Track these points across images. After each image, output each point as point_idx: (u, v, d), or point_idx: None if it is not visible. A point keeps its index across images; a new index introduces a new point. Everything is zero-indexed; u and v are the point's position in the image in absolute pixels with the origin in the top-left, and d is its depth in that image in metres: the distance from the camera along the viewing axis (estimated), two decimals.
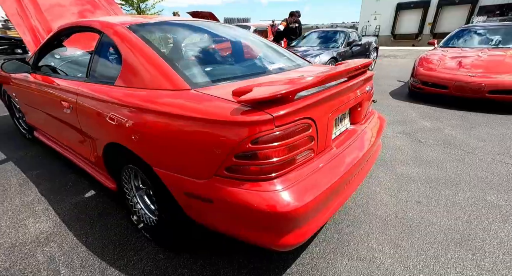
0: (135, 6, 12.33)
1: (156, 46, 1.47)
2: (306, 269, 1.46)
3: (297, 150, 1.13)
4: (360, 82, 1.61)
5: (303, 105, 1.10)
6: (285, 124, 1.05)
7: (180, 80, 1.27)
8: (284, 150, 1.07)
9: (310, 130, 1.16)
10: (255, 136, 1.00)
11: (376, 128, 1.87)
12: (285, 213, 1.02)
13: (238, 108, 1.04)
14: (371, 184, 2.26)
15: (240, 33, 2.25)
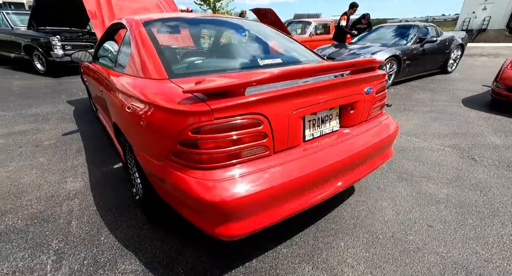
0: (212, 5, 13.32)
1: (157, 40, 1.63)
2: (265, 267, 1.46)
3: (242, 144, 1.13)
4: (352, 82, 1.47)
5: (250, 100, 1.10)
6: (226, 117, 1.07)
7: (162, 71, 1.41)
8: (225, 142, 1.10)
9: (261, 126, 1.15)
10: (194, 126, 1.06)
11: (382, 135, 1.68)
12: (213, 203, 1.06)
13: (186, 99, 1.11)
14: (379, 197, 2.04)
15: (249, 27, 2.27)
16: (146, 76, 1.45)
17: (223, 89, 1.07)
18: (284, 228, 1.72)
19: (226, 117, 1.07)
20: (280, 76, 1.13)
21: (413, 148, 2.87)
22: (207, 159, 1.11)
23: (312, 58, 2.02)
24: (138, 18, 1.86)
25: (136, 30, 1.71)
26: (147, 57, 1.51)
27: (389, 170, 2.43)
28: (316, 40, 8.38)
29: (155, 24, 1.84)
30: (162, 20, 1.97)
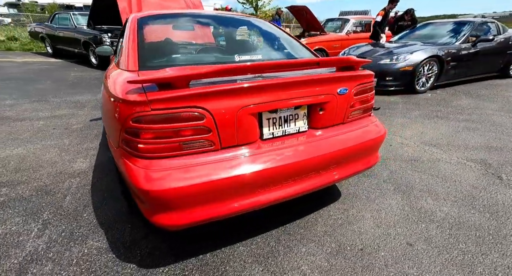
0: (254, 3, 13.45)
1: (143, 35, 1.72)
2: (216, 261, 1.46)
3: (182, 137, 1.15)
4: (318, 81, 1.39)
5: (190, 94, 1.11)
6: (164, 108, 1.10)
7: (136, 63, 1.49)
8: (164, 133, 1.13)
9: (203, 120, 1.15)
10: (134, 115, 1.11)
11: (360, 139, 1.56)
12: (148, 192, 1.10)
13: (134, 89, 1.16)
14: (364, 208, 1.89)
15: (241, 22, 2.25)
16: (124, 68, 1.54)
17: (163, 81, 1.10)
18: (249, 226, 1.70)
19: (165, 109, 1.10)
20: (221, 71, 1.12)
21: (428, 159, 2.59)
22: (147, 149, 1.15)
23: (303, 56, 1.94)
24: (140, 14, 1.98)
25: (130, 25, 1.82)
26: (129, 50, 1.60)
27: (388, 179, 2.23)
28: (353, 38, 7.96)
29: (151, 20, 1.94)
30: (162, 16, 2.07)
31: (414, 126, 3.44)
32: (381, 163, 2.50)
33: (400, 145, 2.87)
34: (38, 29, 9.76)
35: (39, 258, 1.47)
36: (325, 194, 2.04)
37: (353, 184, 2.18)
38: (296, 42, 2.12)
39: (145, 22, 1.86)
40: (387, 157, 2.62)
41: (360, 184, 2.18)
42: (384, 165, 2.46)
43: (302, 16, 8.17)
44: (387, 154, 2.67)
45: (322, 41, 7.78)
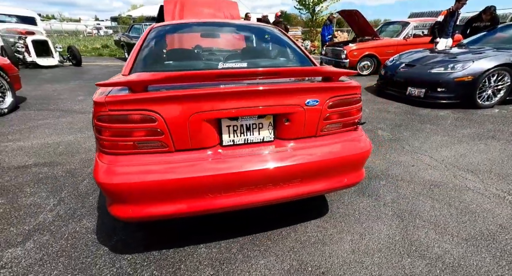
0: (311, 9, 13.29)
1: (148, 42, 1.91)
2: (175, 258, 1.53)
3: (136, 137, 1.26)
4: (281, 91, 1.35)
5: (143, 98, 1.21)
6: (119, 110, 1.22)
7: (128, 68, 1.67)
8: (119, 132, 1.25)
9: (155, 123, 1.24)
10: (97, 114, 1.25)
11: (334, 155, 1.46)
12: (100, 183, 1.23)
13: (101, 92, 1.31)
14: (348, 230, 1.74)
15: (245, 31, 2.27)
16: (121, 72, 1.74)
17: (121, 85, 1.23)
18: (220, 230, 1.73)
19: (119, 110, 1.22)
20: (175, 78, 1.19)
21: (454, 186, 2.22)
22: (107, 145, 1.29)
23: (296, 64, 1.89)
24: (157, 24, 2.20)
25: (143, 34, 2.04)
26: (130, 56, 1.81)
27: (390, 203, 2.00)
28: (411, 43, 7.22)
29: (162, 29, 2.14)
30: (174, 25, 2.26)
31: (455, 146, 2.98)
32: (390, 184, 2.25)
33: (426, 167, 2.53)
34: (120, 38, 11.59)
35: (43, 229, 1.76)
36: (311, 209, 1.94)
37: (346, 202, 2.01)
38: (296, 49, 2.07)
39: (156, 31, 2.06)
40: (402, 178, 2.34)
41: (355, 203, 2.00)
42: (394, 187, 2.20)
43: (354, 20, 7.78)
44: (402, 175, 2.38)
45: (373, 47, 7.27)
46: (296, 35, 14.77)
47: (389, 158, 2.71)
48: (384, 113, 4.19)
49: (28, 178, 2.38)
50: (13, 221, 1.85)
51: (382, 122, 3.79)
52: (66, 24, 29.85)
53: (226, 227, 1.76)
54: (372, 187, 2.21)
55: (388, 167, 2.52)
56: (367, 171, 2.46)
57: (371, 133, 3.36)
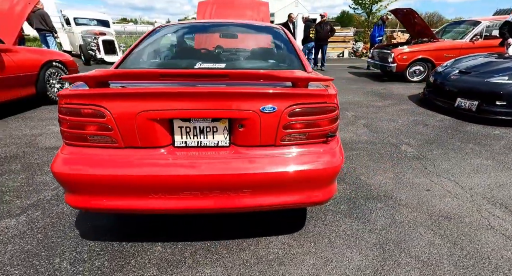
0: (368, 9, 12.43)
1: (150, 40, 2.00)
2: (129, 251, 1.56)
3: (86, 130, 1.31)
4: (232, 95, 1.27)
5: (91, 93, 1.25)
6: (73, 103, 1.28)
7: (117, 64, 1.77)
8: (72, 124, 1.31)
9: (104, 118, 1.27)
10: (58, 106, 1.34)
11: (293, 167, 1.32)
12: (52, 171, 1.31)
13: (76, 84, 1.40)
14: (314, 252, 1.56)
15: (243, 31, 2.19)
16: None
17: (77, 80, 1.29)
18: (185, 231, 1.72)
19: (73, 104, 1.28)
20: (124, 75, 1.23)
21: (472, 222, 1.83)
22: (64, 136, 1.36)
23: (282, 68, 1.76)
24: (163, 24, 2.30)
25: (145, 33, 2.15)
26: (124, 53, 1.91)
27: (377, 230, 1.74)
28: (480, 46, 6.22)
29: (166, 29, 2.22)
30: (180, 26, 2.32)
31: (496, 174, 2.46)
32: (388, 208, 1.96)
33: (443, 194, 2.14)
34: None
35: (38, 205, 1.98)
36: (285, 222, 1.79)
37: (327, 221, 1.81)
38: (292, 52, 1.93)
39: (156, 32, 2.14)
40: (407, 203, 2.01)
41: (337, 224, 1.79)
42: (391, 212, 1.91)
43: (409, 20, 7.03)
44: (409, 200, 2.05)
45: (428, 50, 6.47)
46: (347, 37, 13.96)
47: (401, 178, 2.37)
48: (419, 127, 3.69)
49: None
50: (21, 195, 2.11)
51: (413, 136, 3.34)
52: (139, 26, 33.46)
53: (192, 229, 1.74)
54: (364, 208, 1.95)
55: (395, 189, 2.20)
56: (366, 189, 2.19)
57: (393, 148, 2.99)
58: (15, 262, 1.49)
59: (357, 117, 4.11)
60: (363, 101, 5.15)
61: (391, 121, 3.91)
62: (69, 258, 1.52)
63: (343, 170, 2.49)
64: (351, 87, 6.48)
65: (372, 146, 3.04)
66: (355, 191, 2.16)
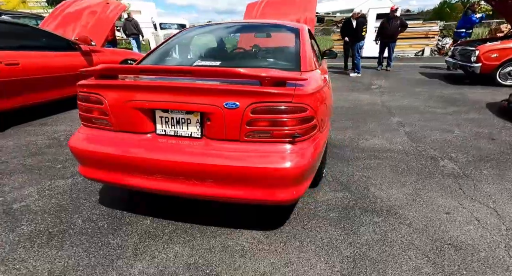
0: None
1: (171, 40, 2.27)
2: (125, 220, 1.84)
3: (90, 113, 1.60)
4: (199, 90, 1.37)
5: (93, 83, 1.53)
6: (82, 91, 1.59)
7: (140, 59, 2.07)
8: (83, 109, 1.62)
9: (102, 105, 1.54)
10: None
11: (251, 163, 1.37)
12: (68, 144, 1.66)
13: None
14: (282, 255, 1.55)
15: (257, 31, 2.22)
16: None
17: (90, 72, 1.58)
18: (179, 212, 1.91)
19: (82, 92, 1.59)
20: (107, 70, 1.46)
21: (488, 258, 1.51)
22: (80, 118, 1.69)
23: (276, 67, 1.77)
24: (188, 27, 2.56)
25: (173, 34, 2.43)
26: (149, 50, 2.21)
27: (360, 244, 1.60)
28: None
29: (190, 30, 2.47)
30: (200, 27, 2.54)
31: None
32: (385, 224, 1.76)
33: (469, 221, 1.79)
34: None
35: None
36: (265, 218, 1.81)
37: (309, 226, 1.75)
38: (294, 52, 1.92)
39: (180, 33, 2.40)
40: (411, 223, 1.77)
41: (317, 230, 1.72)
42: (386, 229, 1.72)
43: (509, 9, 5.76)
44: (417, 220, 1.80)
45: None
46: (431, 32, 12.16)
47: (420, 195, 2.07)
48: (482, 141, 3.08)
49: None
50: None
51: (465, 151, 2.83)
52: None
53: (186, 211, 1.91)
54: (356, 220, 1.80)
55: (405, 205, 1.95)
56: (370, 200, 2.00)
57: (429, 161, 2.60)
58: (51, 211, 1.93)
59: (401, 124, 3.67)
60: (420, 106, 4.53)
61: (445, 132, 3.37)
62: (84, 216, 1.88)
63: (352, 177, 2.32)
64: (414, 90, 5.74)
65: (403, 157, 2.70)
66: (355, 201, 2.00)
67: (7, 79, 3.45)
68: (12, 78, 3.50)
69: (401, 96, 5.24)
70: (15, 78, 3.54)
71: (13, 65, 3.48)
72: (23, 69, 3.58)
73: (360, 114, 4.15)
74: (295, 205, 1.96)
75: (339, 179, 2.30)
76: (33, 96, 3.78)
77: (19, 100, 3.65)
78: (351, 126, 3.61)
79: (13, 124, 3.81)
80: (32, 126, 3.77)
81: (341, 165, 2.55)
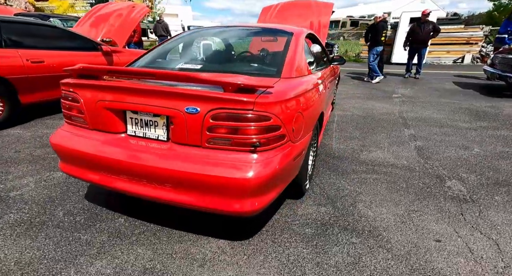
0: None
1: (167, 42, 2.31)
2: (101, 216, 1.88)
3: (69, 111, 1.66)
4: (160, 93, 1.35)
5: (71, 82, 1.57)
6: (64, 90, 1.65)
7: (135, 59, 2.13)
8: (64, 106, 1.68)
9: (79, 103, 1.58)
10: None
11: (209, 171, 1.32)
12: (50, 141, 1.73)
13: None
14: (242, 267, 1.48)
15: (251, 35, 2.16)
16: None
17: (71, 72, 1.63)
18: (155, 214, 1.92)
19: (65, 90, 1.65)
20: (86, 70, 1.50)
21: None
22: (63, 115, 1.76)
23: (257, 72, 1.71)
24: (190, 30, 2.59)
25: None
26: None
27: (328, 264, 1.47)
28: None
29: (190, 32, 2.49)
30: (198, 29, 2.56)
31: None
32: (362, 246, 1.62)
33: (461, 252, 1.59)
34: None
35: None
36: (236, 230, 1.75)
37: (279, 240, 1.66)
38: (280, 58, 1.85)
39: (179, 35, 2.43)
40: (392, 248, 1.61)
41: (286, 245, 1.62)
42: (362, 252, 1.57)
43: None
44: (400, 246, 1.63)
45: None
46: (474, 37, 11.24)
47: (412, 218, 1.88)
48: (503, 162, 2.75)
49: None
50: None
51: (480, 172, 2.54)
52: None
53: (163, 214, 1.91)
54: (332, 239, 1.68)
55: (391, 228, 1.78)
56: (353, 218, 1.85)
57: (433, 180, 2.37)
58: (40, 202, 2.03)
59: (414, 137, 3.40)
60: (442, 119, 4.18)
61: (463, 149, 3.06)
62: (66, 209, 1.95)
63: (342, 191, 2.17)
64: (440, 101, 5.32)
65: (405, 173, 2.49)
66: (337, 218, 1.87)
67: (32, 76, 3.74)
68: (36, 75, 3.80)
69: (422, 107, 4.89)
70: (40, 74, 3.83)
71: (38, 63, 3.76)
72: (47, 66, 3.86)
73: (371, 124, 3.92)
74: (271, 217, 1.88)
75: (326, 193, 2.17)
76: (55, 92, 4.06)
77: (42, 95, 3.94)
78: (357, 137, 3.41)
79: (37, 116, 4.12)
80: (52, 120, 4.05)
81: (334, 177, 2.41)
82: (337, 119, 4.15)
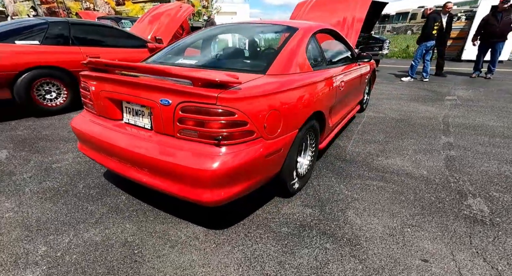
0: None
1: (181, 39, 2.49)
2: (110, 191, 2.16)
3: (85, 99, 1.93)
4: (139, 84, 1.50)
5: (84, 74, 1.83)
6: (82, 81, 1.93)
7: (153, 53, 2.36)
8: (82, 94, 1.97)
9: (89, 92, 1.85)
10: None
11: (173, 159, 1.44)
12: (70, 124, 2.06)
13: None
14: (212, 255, 1.56)
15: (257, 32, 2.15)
16: None
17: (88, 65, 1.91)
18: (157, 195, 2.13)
19: (81, 81, 1.92)
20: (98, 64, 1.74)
21: None
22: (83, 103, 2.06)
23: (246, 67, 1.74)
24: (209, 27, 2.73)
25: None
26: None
27: (298, 267, 1.46)
28: None
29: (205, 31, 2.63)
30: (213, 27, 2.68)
31: None
32: (336, 254, 1.54)
33: (445, 275, 1.40)
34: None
35: None
36: (218, 219, 1.84)
37: (251, 235, 1.69)
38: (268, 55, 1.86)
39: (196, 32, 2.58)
40: (366, 259, 1.49)
41: (257, 240, 1.64)
42: (333, 259, 1.50)
43: None
44: (377, 258, 1.50)
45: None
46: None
47: (404, 233, 1.70)
48: None
49: None
50: None
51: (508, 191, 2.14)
52: None
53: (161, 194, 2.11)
54: (306, 241, 1.63)
55: (376, 239, 1.65)
56: (336, 224, 1.77)
57: (452, 196, 2.08)
58: (71, 174, 2.42)
59: (450, 146, 2.99)
60: (499, 127, 3.57)
61: (507, 164, 2.60)
62: (85, 183, 2.29)
63: (336, 196, 2.07)
64: (508, 106, 4.53)
65: (419, 185, 2.24)
66: (319, 221, 1.80)
67: None
68: None
69: (478, 112, 4.23)
70: None
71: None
72: None
73: (402, 128, 3.56)
74: (254, 211, 1.91)
75: (319, 195, 2.09)
76: None
77: None
78: (379, 141, 3.15)
79: None
80: None
81: (334, 180, 2.30)
82: (365, 120, 3.87)
